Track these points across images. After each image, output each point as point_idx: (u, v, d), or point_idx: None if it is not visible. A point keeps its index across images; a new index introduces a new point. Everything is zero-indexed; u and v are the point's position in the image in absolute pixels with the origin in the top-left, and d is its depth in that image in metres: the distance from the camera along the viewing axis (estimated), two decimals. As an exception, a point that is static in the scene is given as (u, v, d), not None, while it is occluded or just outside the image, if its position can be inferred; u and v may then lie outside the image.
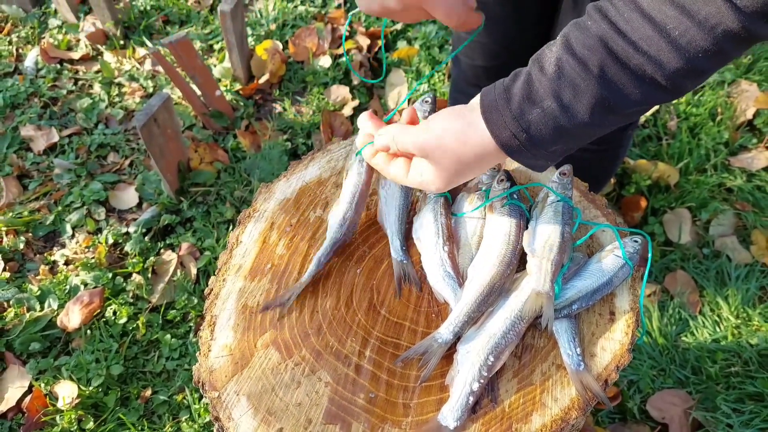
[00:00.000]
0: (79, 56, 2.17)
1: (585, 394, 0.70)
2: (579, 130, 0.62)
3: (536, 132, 0.62)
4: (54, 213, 1.79)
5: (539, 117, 0.61)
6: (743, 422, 1.43)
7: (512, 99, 0.63)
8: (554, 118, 0.61)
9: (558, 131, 0.62)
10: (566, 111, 0.60)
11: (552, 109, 0.61)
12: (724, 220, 1.77)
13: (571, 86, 0.60)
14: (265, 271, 0.84)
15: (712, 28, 0.53)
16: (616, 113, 0.60)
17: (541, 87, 0.61)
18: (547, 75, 0.61)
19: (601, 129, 0.63)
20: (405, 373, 0.74)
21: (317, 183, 0.94)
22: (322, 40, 2.16)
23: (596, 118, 0.60)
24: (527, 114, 0.62)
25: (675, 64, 0.55)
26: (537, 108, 0.61)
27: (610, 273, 0.77)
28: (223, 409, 0.72)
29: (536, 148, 0.64)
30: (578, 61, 0.59)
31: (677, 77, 0.57)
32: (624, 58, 0.57)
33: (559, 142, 0.64)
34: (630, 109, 0.60)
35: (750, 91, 2.00)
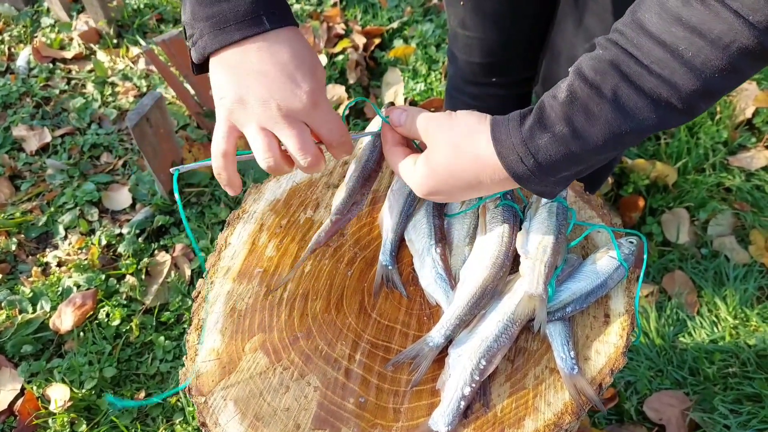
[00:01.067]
0: (71, 55, 2.15)
1: (579, 398, 0.69)
2: (590, 155, 0.60)
3: (545, 157, 0.60)
4: (46, 214, 1.77)
5: (549, 142, 0.60)
6: (741, 423, 1.42)
7: (524, 122, 0.62)
8: (565, 143, 0.59)
9: (568, 157, 0.60)
10: (578, 136, 0.58)
11: (563, 134, 0.59)
12: (722, 220, 1.76)
13: (583, 111, 0.58)
14: (254, 273, 0.82)
15: (727, 47, 0.51)
16: (629, 138, 0.58)
17: (553, 112, 0.59)
18: (559, 100, 0.59)
19: (611, 154, 0.61)
20: (396, 377, 0.73)
21: (308, 184, 0.92)
22: (318, 39, 2.14)
23: (609, 143, 0.58)
24: (537, 138, 0.60)
25: (690, 86, 0.54)
26: (547, 133, 0.59)
27: (604, 275, 0.76)
28: (210, 415, 0.70)
29: (544, 174, 0.62)
30: (590, 86, 0.57)
31: (693, 99, 0.55)
32: (638, 81, 0.55)
33: (568, 169, 0.62)
34: (644, 133, 0.58)
35: (749, 90, 1.99)
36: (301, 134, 0.67)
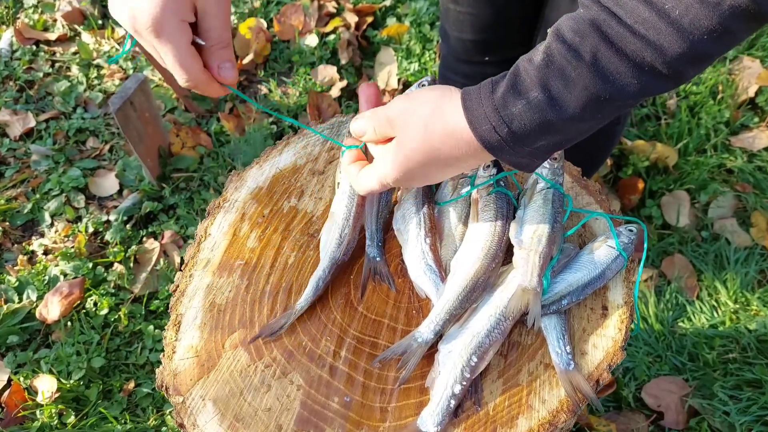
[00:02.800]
0: (55, 37, 2.08)
1: (575, 395, 0.66)
2: (568, 125, 0.56)
3: (519, 126, 0.56)
4: (32, 201, 1.73)
5: (524, 110, 0.55)
6: (740, 409, 1.39)
7: (496, 88, 0.57)
8: (540, 111, 0.55)
9: (544, 126, 0.55)
10: (554, 103, 0.54)
11: (538, 100, 0.54)
12: (723, 202, 1.72)
13: (560, 75, 0.53)
14: (235, 266, 0.78)
15: (718, 5, 0.47)
16: (609, 106, 0.54)
17: (528, 77, 0.55)
18: (535, 64, 0.55)
19: (591, 124, 0.57)
20: (382, 374, 0.69)
21: (292, 170, 0.88)
22: (309, 18, 2.07)
23: (587, 112, 0.54)
24: (510, 106, 0.56)
25: (677, 49, 0.49)
26: (522, 99, 0.55)
27: (602, 265, 0.72)
28: (188, 416, 0.67)
29: (519, 145, 0.57)
30: (568, 48, 0.53)
31: (679, 63, 0.50)
32: (619, 43, 0.51)
33: (545, 138, 0.57)
34: (625, 101, 0.54)
35: (752, 68, 1.94)
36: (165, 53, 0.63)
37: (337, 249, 0.76)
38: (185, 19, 0.63)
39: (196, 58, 0.65)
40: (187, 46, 0.64)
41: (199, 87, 0.67)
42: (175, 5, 0.61)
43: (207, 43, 0.66)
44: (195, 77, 0.65)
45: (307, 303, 0.73)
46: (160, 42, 0.62)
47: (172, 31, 0.62)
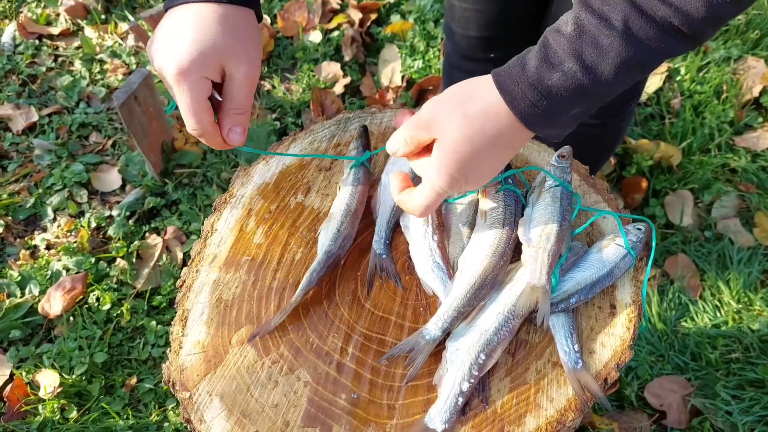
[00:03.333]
0: (58, 31, 2.08)
1: (583, 394, 0.66)
2: (603, 89, 0.58)
3: (557, 98, 0.58)
4: (34, 195, 1.72)
5: (560, 81, 0.57)
6: (743, 409, 1.40)
7: (527, 65, 0.59)
8: (577, 80, 0.57)
9: (580, 94, 0.58)
10: (589, 72, 0.56)
11: (574, 71, 0.56)
12: (727, 202, 1.72)
13: (593, 45, 0.55)
14: (242, 261, 0.78)
15: None
16: (638, 69, 0.57)
17: (560, 48, 0.57)
18: (566, 35, 0.57)
19: (622, 87, 0.59)
20: (390, 371, 0.69)
21: (298, 166, 0.87)
22: (312, 14, 2.07)
23: (620, 76, 0.57)
24: (546, 79, 0.57)
25: (702, 13, 0.53)
26: (557, 72, 0.57)
27: (611, 264, 0.72)
28: (195, 411, 0.67)
29: (556, 115, 0.59)
30: (599, 18, 0.55)
31: (702, 26, 0.54)
32: (649, 10, 0.54)
33: (579, 105, 0.59)
34: (654, 63, 0.57)
35: (757, 68, 1.93)
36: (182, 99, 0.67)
37: (333, 243, 0.76)
38: (208, 77, 0.67)
39: (208, 112, 0.69)
40: (202, 100, 0.67)
41: (204, 137, 0.71)
42: (202, 62, 0.65)
43: (225, 105, 0.70)
44: (202, 128, 0.69)
45: (300, 296, 0.73)
46: (179, 89, 0.66)
47: (192, 84, 0.66)
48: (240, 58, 0.68)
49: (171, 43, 0.66)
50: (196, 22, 0.66)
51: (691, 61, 1.97)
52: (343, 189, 0.80)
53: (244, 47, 0.68)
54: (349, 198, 0.79)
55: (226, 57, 0.67)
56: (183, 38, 0.65)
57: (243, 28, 0.68)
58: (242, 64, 0.68)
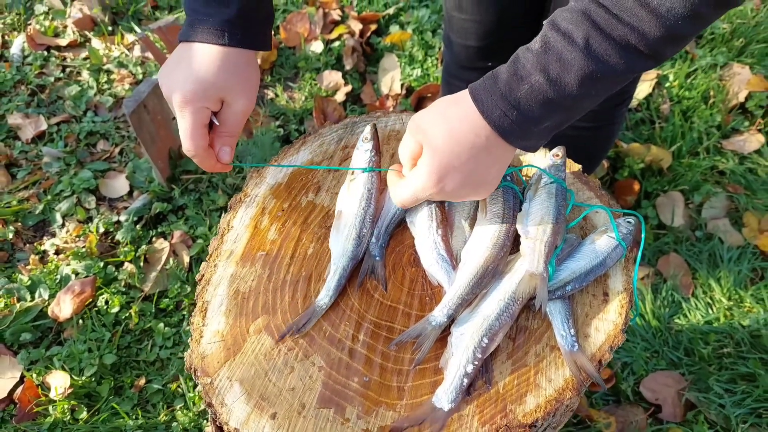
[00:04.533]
0: (66, 43, 2.13)
1: (579, 374, 0.70)
2: (568, 102, 0.63)
3: (526, 108, 0.63)
4: (43, 202, 1.76)
5: (528, 93, 0.62)
6: (735, 402, 1.44)
7: (499, 78, 0.64)
8: (543, 92, 0.62)
9: (548, 106, 0.63)
10: (554, 84, 0.61)
11: (540, 83, 0.62)
12: (716, 203, 1.78)
13: (557, 60, 0.61)
14: (257, 257, 0.83)
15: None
16: (602, 83, 0.62)
17: (528, 63, 0.62)
18: (534, 51, 0.62)
19: (589, 101, 0.64)
20: (399, 356, 0.74)
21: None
22: (314, 25, 2.13)
23: (584, 89, 0.62)
24: (516, 91, 0.63)
25: (656, 33, 0.58)
26: (525, 84, 0.62)
27: (603, 254, 0.77)
28: (216, 395, 0.71)
29: (527, 126, 0.64)
30: (563, 36, 0.61)
31: (659, 45, 0.59)
32: (608, 29, 0.59)
33: (550, 118, 0.64)
34: (615, 78, 0.62)
35: (742, 74, 2.00)
36: None
37: (356, 248, 0.80)
38: (208, 107, 0.78)
39: (204, 138, 0.79)
40: (200, 126, 0.78)
41: (197, 159, 0.80)
42: (204, 94, 0.76)
43: (219, 128, 0.82)
44: (197, 151, 0.79)
45: (331, 301, 0.77)
46: (181, 115, 0.77)
47: (193, 111, 0.76)
48: (238, 93, 0.79)
49: (180, 74, 0.76)
50: (204, 60, 0.76)
51: (679, 68, 2.04)
52: (357, 190, 0.83)
53: (242, 84, 0.79)
54: (365, 203, 0.82)
55: (225, 91, 0.78)
56: (190, 72, 0.75)
57: (243, 67, 0.79)
58: (239, 98, 0.79)
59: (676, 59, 2.07)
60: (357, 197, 0.83)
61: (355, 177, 0.84)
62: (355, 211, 0.82)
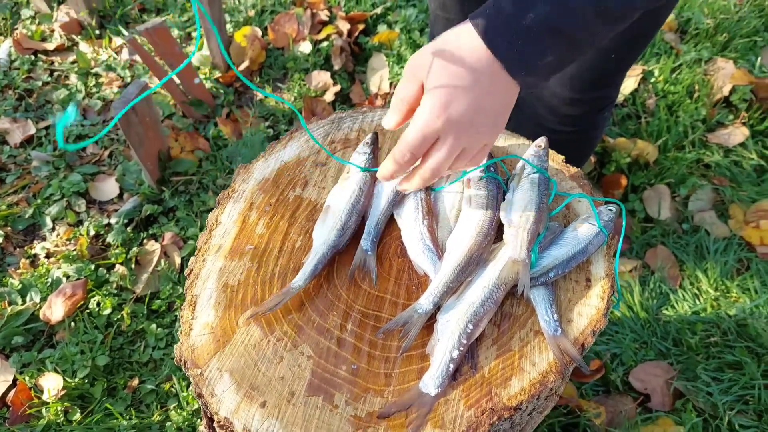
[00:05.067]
0: (53, 47, 2.13)
1: (562, 357, 0.72)
2: (574, 34, 0.61)
3: (531, 38, 0.61)
4: (33, 206, 1.76)
5: (533, 21, 0.60)
6: (722, 390, 1.46)
7: (502, 7, 0.62)
8: (549, 21, 0.60)
9: (553, 35, 0.61)
10: (561, 12, 0.60)
11: (546, 12, 0.60)
12: (702, 196, 1.80)
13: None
14: (245, 250, 0.84)
15: None
16: (608, 18, 0.61)
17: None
18: None
19: (592, 36, 0.62)
20: (386, 344, 0.75)
21: (296, 162, 0.94)
22: (302, 26, 2.14)
23: (589, 23, 0.60)
24: (520, 19, 0.61)
25: None
26: (530, 13, 0.60)
27: (585, 241, 0.78)
28: (206, 386, 0.72)
29: (531, 59, 0.62)
30: None
31: None
32: None
33: (552, 52, 0.62)
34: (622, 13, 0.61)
35: (726, 69, 2.03)
36: None
37: (338, 238, 0.81)
38: None
39: None
40: None
41: None
42: None
43: None
44: None
45: (305, 284, 0.77)
46: None
47: None
48: None
49: None
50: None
51: (664, 64, 2.06)
52: (349, 187, 0.84)
53: None
54: (355, 198, 0.83)
55: None
56: None
57: None
58: None
59: (661, 54, 2.10)
60: (348, 193, 0.84)
61: (349, 175, 0.86)
62: (343, 205, 0.83)
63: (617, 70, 1.21)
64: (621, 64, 1.19)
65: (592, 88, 1.21)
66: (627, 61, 1.19)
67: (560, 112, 1.26)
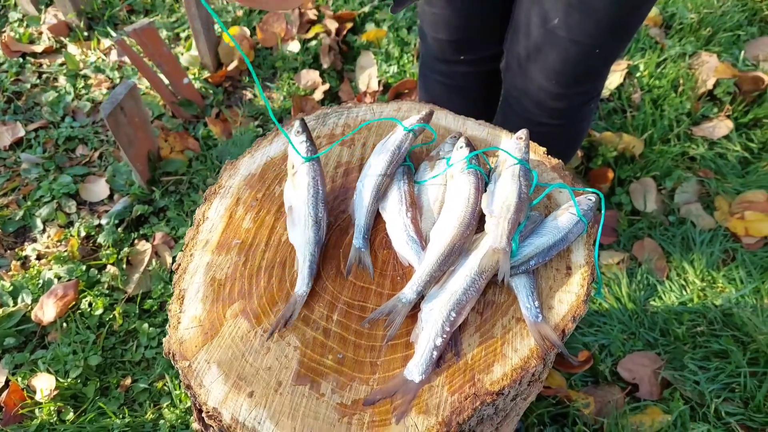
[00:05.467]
0: (42, 49, 2.13)
1: (543, 343, 0.73)
2: None
3: None
4: (23, 208, 1.77)
5: None
6: (709, 378, 1.48)
7: None
8: None
9: None
10: None
11: None
12: (688, 188, 1.83)
13: None
14: (233, 245, 0.85)
15: None
16: None
17: None
18: None
19: None
20: (372, 333, 0.76)
21: (282, 158, 0.95)
22: (290, 25, 2.15)
23: None
24: None
25: None
26: None
27: (565, 229, 0.80)
28: (194, 377, 0.73)
29: None
30: None
31: None
32: None
33: None
34: None
35: (710, 62, 2.06)
36: None
37: (317, 233, 0.81)
38: None
39: None
40: None
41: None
42: None
43: None
44: None
45: (308, 288, 0.78)
46: None
47: None
48: None
49: None
50: None
51: (649, 58, 2.09)
52: (302, 181, 0.84)
53: None
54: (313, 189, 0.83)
55: None
56: None
57: None
58: None
59: (646, 49, 2.13)
60: (303, 187, 0.84)
61: (295, 170, 0.86)
62: (304, 199, 0.83)
63: (602, 64, 1.23)
64: (606, 58, 1.21)
65: (578, 83, 1.23)
66: (611, 55, 1.21)
67: (547, 106, 1.28)
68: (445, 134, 0.97)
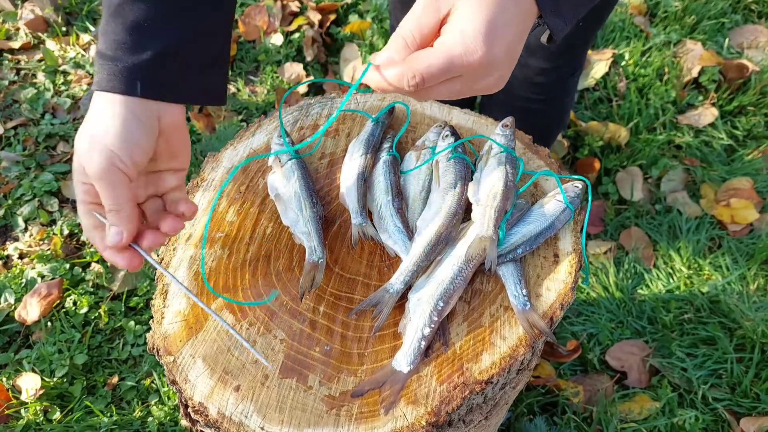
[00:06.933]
0: (19, 45, 2.09)
1: (531, 331, 0.73)
2: None
3: None
4: (4, 207, 1.73)
5: None
6: (696, 365, 1.50)
7: None
8: None
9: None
10: None
11: None
12: (674, 176, 1.84)
13: None
14: (216, 238, 0.83)
15: None
16: None
17: None
18: None
19: None
20: (359, 324, 0.76)
21: (265, 149, 0.93)
22: (273, 18, 2.13)
23: None
24: None
25: None
26: None
27: (552, 217, 0.79)
28: (180, 372, 0.72)
29: None
30: None
31: None
32: None
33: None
34: None
35: (695, 50, 2.06)
36: None
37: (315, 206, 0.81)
38: None
39: None
40: None
41: None
42: None
43: None
44: None
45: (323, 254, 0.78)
46: None
47: None
48: None
49: None
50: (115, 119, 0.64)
51: (634, 47, 2.09)
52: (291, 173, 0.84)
53: None
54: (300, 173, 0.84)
55: None
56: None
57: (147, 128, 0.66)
58: None
59: (631, 38, 2.13)
60: (293, 177, 0.84)
61: (283, 163, 0.86)
62: (293, 183, 0.83)
63: (586, 37, 1.25)
64: (589, 30, 1.22)
65: (562, 56, 1.24)
66: (595, 27, 1.23)
67: (532, 82, 1.29)
68: (431, 123, 0.96)
